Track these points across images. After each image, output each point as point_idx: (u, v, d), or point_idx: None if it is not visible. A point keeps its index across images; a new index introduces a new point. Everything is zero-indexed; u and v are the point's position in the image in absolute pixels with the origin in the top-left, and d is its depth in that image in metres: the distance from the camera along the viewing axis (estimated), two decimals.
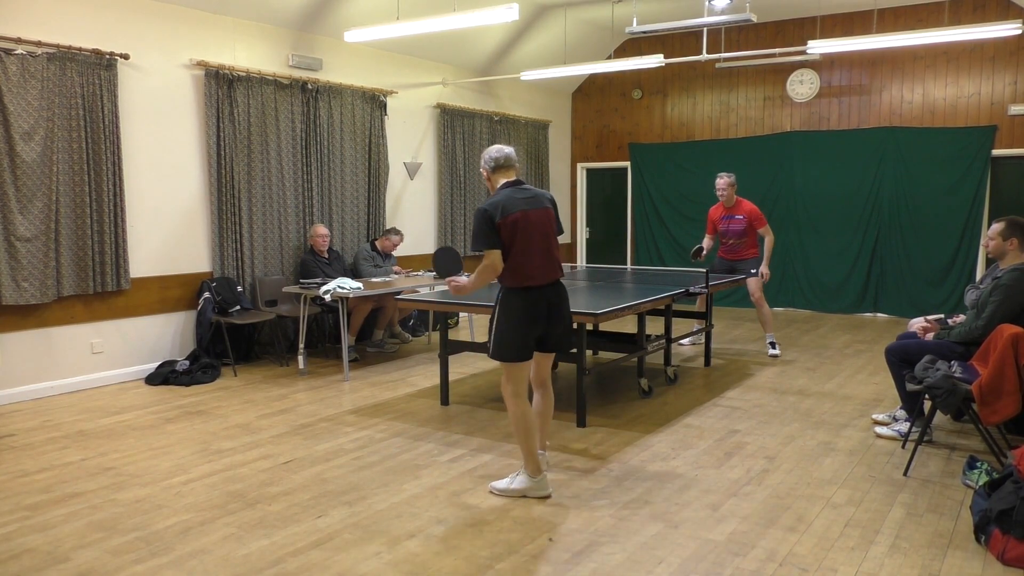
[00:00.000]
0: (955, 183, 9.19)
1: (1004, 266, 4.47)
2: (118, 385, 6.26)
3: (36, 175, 5.68)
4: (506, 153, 3.88)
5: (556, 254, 3.84)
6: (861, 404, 5.59)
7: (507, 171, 3.88)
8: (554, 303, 3.81)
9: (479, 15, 6.27)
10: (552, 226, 3.87)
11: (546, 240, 3.79)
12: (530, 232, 3.72)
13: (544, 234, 3.79)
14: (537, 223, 3.76)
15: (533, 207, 3.77)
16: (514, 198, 3.75)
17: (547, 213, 3.85)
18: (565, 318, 3.91)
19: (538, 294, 3.75)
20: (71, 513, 3.70)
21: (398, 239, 7.91)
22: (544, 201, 3.88)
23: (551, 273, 3.79)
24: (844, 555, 3.23)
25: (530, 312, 3.74)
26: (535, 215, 3.76)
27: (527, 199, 3.78)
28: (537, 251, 3.74)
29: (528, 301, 3.73)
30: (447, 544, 3.34)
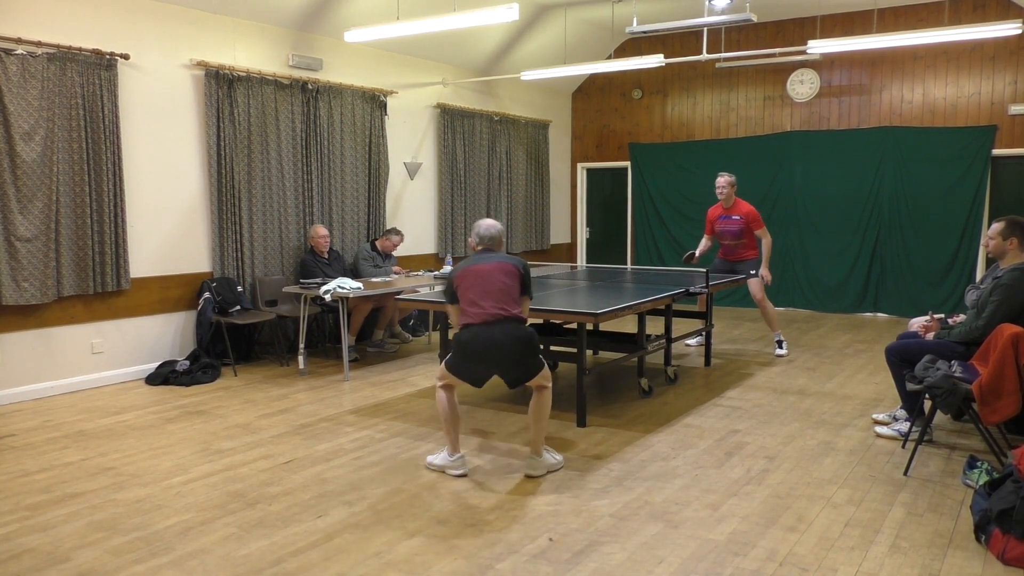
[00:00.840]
0: (955, 183, 9.19)
1: (1004, 266, 4.47)
2: (118, 385, 6.26)
3: (36, 175, 5.68)
4: (481, 235, 4.28)
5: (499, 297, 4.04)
6: (861, 404, 5.59)
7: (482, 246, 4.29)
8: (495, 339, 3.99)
9: (479, 15, 6.27)
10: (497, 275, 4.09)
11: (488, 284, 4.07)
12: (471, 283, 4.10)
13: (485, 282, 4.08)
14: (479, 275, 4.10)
15: (479, 263, 4.15)
16: (467, 260, 4.24)
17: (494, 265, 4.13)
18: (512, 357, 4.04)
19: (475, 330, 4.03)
20: (71, 513, 3.70)
21: (398, 239, 7.91)
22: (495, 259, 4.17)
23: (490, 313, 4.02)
24: (844, 555, 3.23)
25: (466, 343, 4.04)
26: (479, 268, 4.13)
27: (480, 258, 4.20)
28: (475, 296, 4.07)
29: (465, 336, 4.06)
30: (447, 544, 3.34)
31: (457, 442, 4.22)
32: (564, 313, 4.99)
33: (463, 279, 4.14)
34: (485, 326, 4.01)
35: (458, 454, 4.21)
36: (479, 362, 4.06)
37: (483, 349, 4.01)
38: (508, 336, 4.00)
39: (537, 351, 4.15)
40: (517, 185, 10.63)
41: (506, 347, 4.00)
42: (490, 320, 4.01)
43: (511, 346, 4.00)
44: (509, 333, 4.01)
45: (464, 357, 4.08)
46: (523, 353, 4.05)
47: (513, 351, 4.02)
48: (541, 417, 4.16)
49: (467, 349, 4.04)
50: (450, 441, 4.21)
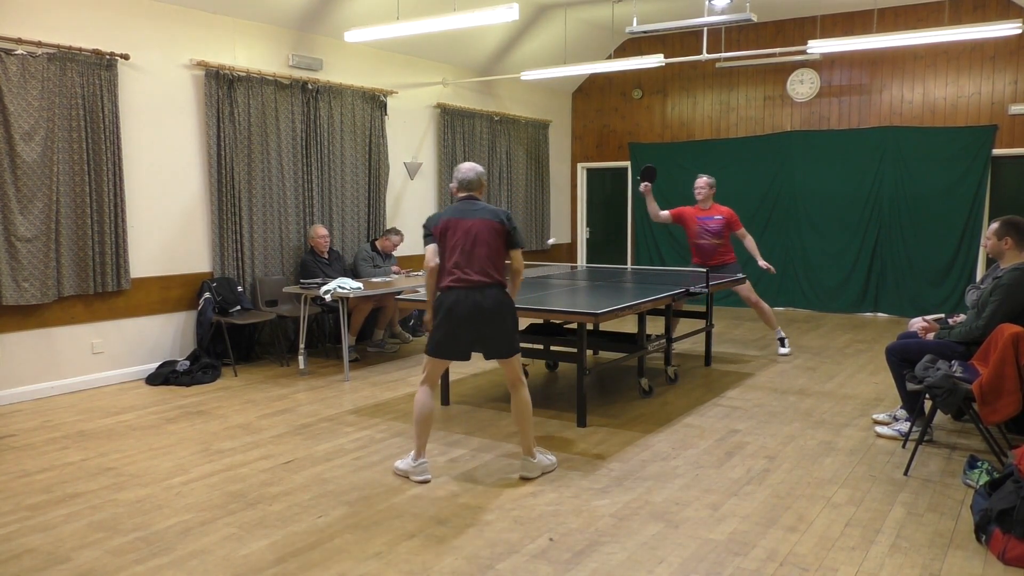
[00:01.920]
0: (955, 183, 9.19)
1: (1004, 266, 4.47)
2: (118, 385, 6.26)
3: (36, 175, 5.68)
4: (460, 179, 4.19)
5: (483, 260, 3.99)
6: (861, 404, 5.58)
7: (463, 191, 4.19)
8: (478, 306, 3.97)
9: (479, 15, 6.27)
10: (482, 235, 4.01)
11: (472, 245, 4.00)
12: (453, 238, 4.03)
13: (468, 241, 4.00)
14: (463, 232, 4.02)
15: (463, 216, 4.05)
16: (450, 209, 4.13)
17: (478, 223, 4.03)
18: (493, 324, 4.01)
19: (457, 295, 3.98)
20: (72, 513, 3.70)
21: (398, 239, 7.91)
22: (478, 215, 4.06)
23: (469, 278, 3.98)
24: (844, 555, 3.23)
25: (448, 310, 4.00)
26: (463, 224, 4.04)
27: (463, 211, 4.08)
28: (457, 256, 4.01)
29: (447, 300, 4.01)
30: (447, 544, 3.34)
31: (423, 447, 4.13)
32: (564, 313, 4.99)
33: (448, 231, 4.04)
34: (469, 290, 3.97)
35: (422, 459, 4.12)
36: (462, 327, 3.99)
37: (467, 314, 3.96)
38: (493, 301, 3.99)
39: (516, 324, 4.15)
40: (517, 185, 10.63)
41: (490, 312, 3.98)
42: (475, 286, 3.98)
43: (495, 311, 3.99)
44: (494, 298, 3.99)
45: (448, 322, 4.00)
46: (505, 323, 4.03)
47: (497, 317, 4.00)
48: (524, 418, 4.13)
49: (451, 314, 3.98)
50: (417, 445, 4.12)
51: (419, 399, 4.13)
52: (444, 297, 4.04)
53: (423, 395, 4.13)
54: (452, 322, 4.00)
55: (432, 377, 4.17)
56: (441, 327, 4.03)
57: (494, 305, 3.99)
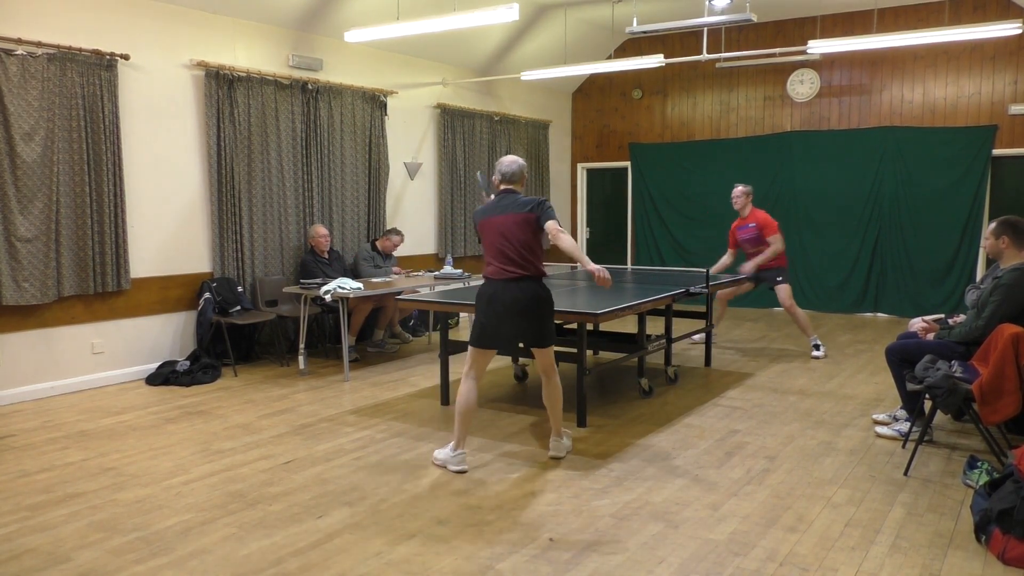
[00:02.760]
0: (955, 183, 9.19)
1: (1004, 266, 4.47)
2: (119, 385, 6.26)
3: (36, 175, 5.68)
4: (502, 172, 4.34)
5: (517, 253, 4.16)
6: (861, 404, 5.59)
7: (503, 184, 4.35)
8: (516, 298, 4.15)
9: (479, 15, 6.27)
10: (513, 229, 4.16)
11: (505, 240, 4.17)
12: (490, 235, 4.24)
13: (500, 236, 4.19)
14: (496, 227, 4.21)
15: (489, 215, 4.25)
16: (486, 206, 4.34)
17: (509, 218, 4.18)
18: (529, 315, 4.19)
19: (495, 286, 4.19)
20: (72, 513, 3.70)
21: (398, 239, 7.91)
22: (510, 209, 4.21)
23: (506, 271, 4.17)
24: (844, 555, 3.23)
25: (487, 301, 4.21)
26: (489, 222, 4.24)
27: (497, 207, 4.25)
28: (493, 251, 4.22)
29: (486, 291, 4.23)
30: (447, 544, 3.34)
31: (463, 438, 4.27)
32: (564, 313, 4.98)
33: (483, 229, 4.28)
34: (504, 283, 4.16)
35: (460, 450, 4.26)
36: (501, 318, 4.17)
37: (504, 305, 4.15)
38: (528, 293, 4.16)
39: (552, 315, 4.34)
40: None
41: (525, 303, 4.16)
42: (510, 278, 4.16)
43: (530, 302, 4.17)
44: (529, 290, 4.17)
45: (487, 313, 4.20)
46: (540, 313, 4.21)
47: (532, 308, 4.18)
48: (555, 402, 4.38)
49: (489, 306, 4.19)
50: (457, 436, 4.26)
51: (462, 390, 4.27)
52: (483, 289, 4.27)
53: (465, 386, 4.27)
54: (490, 313, 4.20)
55: (475, 368, 4.31)
56: (481, 318, 4.25)
57: (529, 296, 4.17)
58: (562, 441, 4.45)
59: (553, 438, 4.46)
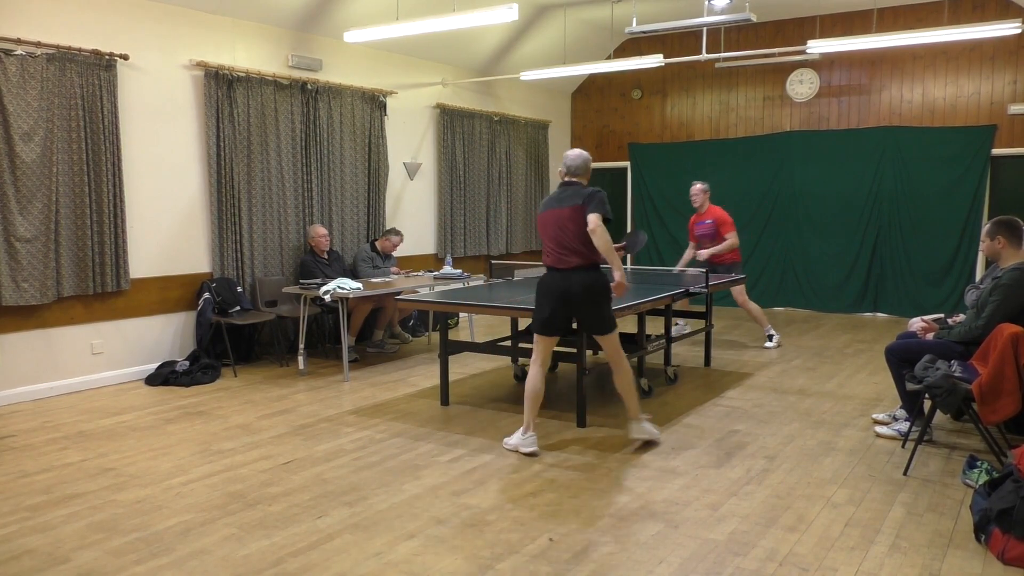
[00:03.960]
0: (955, 182, 9.19)
1: (1003, 266, 4.47)
2: (118, 386, 6.26)
3: (36, 176, 5.68)
4: (568, 165, 4.52)
5: (573, 243, 4.35)
6: (861, 404, 5.59)
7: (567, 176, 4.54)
8: (571, 287, 4.37)
9: (479, 15, 6.27)
10: (569, 222, 4.35)
11: (561, 232, 4.37)
12: (548, 228, 4.46)
13: (559, 227, 4.38)
14: (554, 220, 4.41)
15: (550, 207, 4.45)
16: (548, 199, 4.54)
17: (566, 211, 4.36)
18: (585, 302, 4.40)
19: (551, 276, 4.45)
20: (71, 514, 3.70)
21: (398, 239, 7.91)
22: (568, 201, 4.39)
23: (564, 261, 4.38)
24: (844, 555, 3.23)
25: (545, 291, 4.46)
26: (549, 214, 4.44)
27: (557, 199, 4.46)
28: (551, 243, 4.44)
29: (544, 281, 4.49)
30: (447, 544, 3.34)
31: (532, 422, 4.50)
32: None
33: (543, 221, 4.48)
34: (562, 272, 4.39)
35: (530, 433, 4.48)
36: (556, 306, 4.41)
37: (558, 295, 4.39)
38: (581, 283, 4.36)
39: (610, 302, 4.50)
40: (517, 185, 10.63)
41: (579, 293, 4.37)
42: (564, 268, 4.38)
43: (584, 291, 4.37)
44: (582, 280, 4.37)
45: (544, 302, 4.45)
46: (596, 302, 4.41)
47: (586, 297, 4.38)
48: (626, 389, 4.58)
49: (546, 295, 4.44)
50: (526, 419, 4.51)
51: (529, 376, 4.54)
52: (543, 278, 4.51)
53: (532, 372, 4.53)
54: (547, 302, 4.44)
55: (541, 354, 4.53)
56: (539, 306, 4.50)
57: (583, 286, 4.37)
58: (642, 424, 4.61)
59: (632, 422, 4.62)
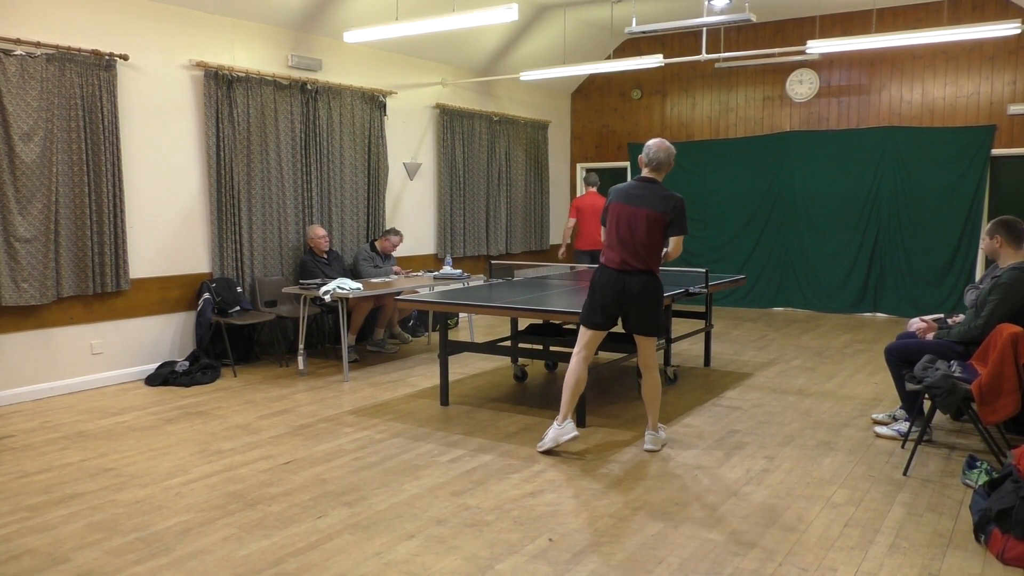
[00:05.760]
0: (954, 183, 9.20)
1: (1003, 265, 4.48)
2: (118, 386, 6.26)
3: (35, 176, 5.68)
4: (650, 156, 4.38)
5: (639, 249, 4.28)
6: (861, 404, 5.59)
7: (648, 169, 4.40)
8: (625, 289, 4.31)
9: (479, 15, 6.27)
10: (642, 226, 4.26)
11: (630, 234, 4.29)
12: (617, 222, 4.34)
13: (629, 228, 4.29)
14: (626, 218, 4.30)
15: (631, 203, 4.31)
16: (624, 190, 4.40)
17: (642, 213, 4.27)
18: (637, 304, 4.34)
19: (608, 275, 4.35)
20: (71, 514, 3.70)
21: (398, 240, 7.91)
22: (646, 203, 4.28)
23: (626, 262, 4.30)
24: (844, 555, 3.23)
25: (598, 287, 4.38)
26: (623, 208, 4.32)
27: (634, 196, 4.33)
28: (615, 239, 4.34)
29: (599, 278, 4.39)
30: (447, 544, 3.34)
31: (568, 410, 4.45)
32: (564, 313, 4.99)
33: (613, 213, 4.35)
34: (619, 274, 4.31)
35: (568, 420, 4.45)
36: (608, 303, 4.34)
37: (613, 295, 4.33)
38: (639, 287, 4.30)
39: (661, 307, 4.44)
40: (516, 185, 10.63)
41: (635, 296, 4.31)
42: (624, 271, 4.30)
43: (639, 295, 4.31)
44: (640, 284, 4.30)
45: (595, 297, 4.37)
46: (648, 306, 4.34)
47: (641, 300, 4.32)
48: (652, 398, 4.52)
49: (600, 292, 4.36)
50: (563, 409, 4.45)
51: (571, 366, 4.47)
52: (597, 274, 4.41)
53: (575, 363, 4.46)
54: (598, 298, 4.37)
55: (586, 348, 4.47)
56: (590, 300, 4.42)
57: (639, 290, 4.30)
58: (658, 435, 4.58)
59: (648, 432, 4.58)
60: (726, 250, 10.65)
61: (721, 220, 10.69)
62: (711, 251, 10.74)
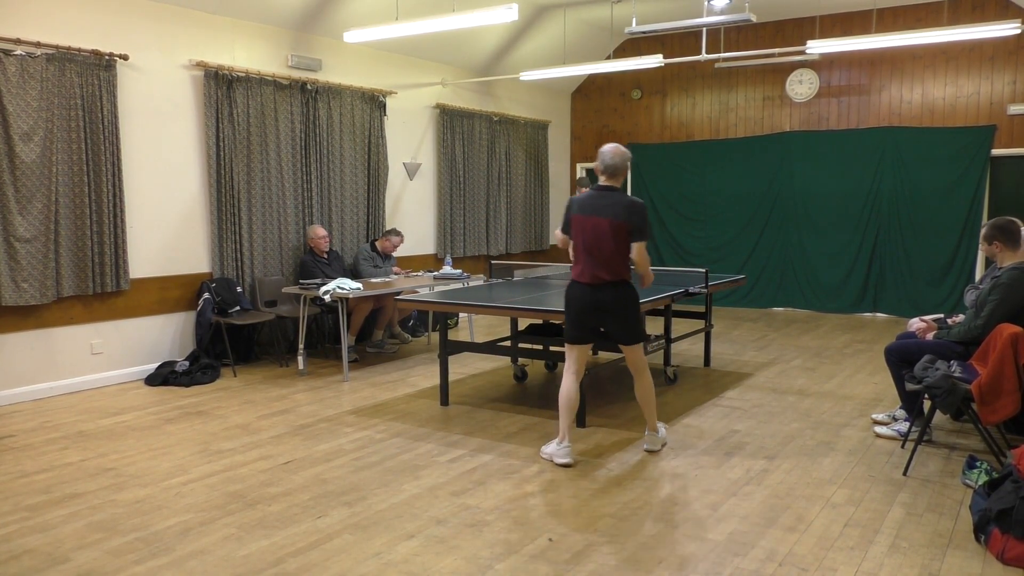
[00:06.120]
0: (954, 183, 9.20)
1: (1002, 266, 4.48)
2: (118, 386, 6.26)
3: (35, 176, 5.68)
4: (606, 163, 4.25)
5: (607, 260, 4.20)
6: (861, 404, 5.59)
7: (605, 176, 4.29)
8: (600, 302, 4.25)
9: (479, 15, 6.27)
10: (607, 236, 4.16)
11: (596, 245, 4.19)
12: (582, 235, 4.24)
13: (596, 239, 4.19)
14: (590, 229, 4.20)
15: (594, 214, 4.19)
16: (583, 200, 4.28)
17: (605, 223, 4.16)
18: (613, 316, 4.29)
19: (581, 290, 4.28)
20: (71, 514, 3.70)
21: (398, 240, 7.91)
22: (608, 212, 4.18)
23: (596, 276, 4.22)
24: (844, 555, 3.23)
25: (573, 303, 4.32)
26: (591, 221, 4.20)
27: (595, 206, 4.21)
28: (581, 252, 4.25)
29: (573, 293, 4.32)
30: (447, 544, 3.34)
31: (565, 430, 4.35)
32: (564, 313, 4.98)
33: (577, 225, 4.25)
34: (591, 288, 4.24)
35: (564, 442, 4.34)
36: (584, 317, 4.30)
37: (589, 309, 4.27)
38: (612, 298, 4.23)
39: (639, 315, 4.40)
40: (516, 185, 10.63)
41: (609, 307, 4.25)
42: (596, 284, 4.23)
43: (614, 306, 4.25)
44: (613, 295, 4.23)
45: (572, 313, 4.33)
46: (625, 316, 4.29)
47: (617, 311, 4.27)
48: (647, 400, 4.49)
49: (575, 307, 4.31)
50: (561, 429, 4.37)
51: (564, 385, 4.40)
52: (569, 290, 4.35)
53: (568, 383, 4.39)
54: (575, 314, 4.32)
55: (574, 363, 4.41)
56: (568, 316, 4.37)
57: (613, 301, 4.24)
58: (657, 435, 4.58)
59: (648, 432, 4.58)
60: (726, 250, 10.65)
61: (721, 220, 10.69)
62: (711, 251, 10.74)
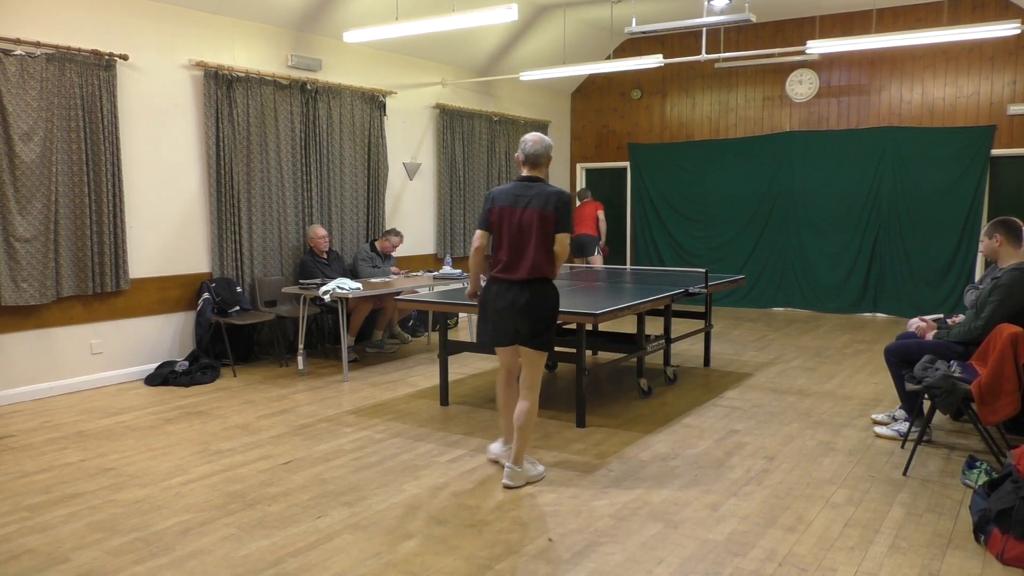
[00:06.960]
0: (954, 183, 9.20)
1: (1002, 266, 4.48)
2: (117, 386, 6.26)
3: (35, 176, 5.68)
4: (527, 152, 4.03)
5: (532, 254, 3.90)
6: (861, 404, 5.59)
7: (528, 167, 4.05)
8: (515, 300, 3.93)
9: (478, 15, 6.27)
10: (532, 228, 3.90)
11: (520, 238, 3.92)
12: (505, 228, 3.96)
13: (520, 232, 3.93)
14: (516, 222, 3.93)
15: (518, 205, 3.94)
16: (507, 192, 4.01)
17: (530, 214, 3.91)
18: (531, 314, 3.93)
19: (498, 287, 4.00)
20: (71, 514, 3.70)
21: (398, 240, 7.91)
22: (534, 203, 3.92)
23: (517, 271, 3.93)
24: (843, 555, 3.23)
25: (487, 304, 4.04)
26: (515, 213, 3.93)
27: (519, 196, 3.96)
28: (505, 246, 3.96)
29: (487, 294, 4.06)
30: (447, 544, 3.34)
31: (507, 431, 4.28)
32: (563, 313, 4.98)
33: (498, 219, 3.96)
34: (511, 285, 3.94)
35: (507, 445, 4.30)
36: (499, 318, 3.98)
37: (504, 308, 3.95)
38: (531, 297, 3.92)
39: (554, 319, 4.03)
40: None
41: (526, 307, 3.92)
42: (518, 282, 3.93)
43: (531, 306, 3.92)
44: (533, 293, 3.92)
45: (486, 313, 4.05)
46: (538, 317, 3.94)
47: (532, 311, 3.93)
48: (524, 426, 3.98)
49: (491, 306, 4.02)
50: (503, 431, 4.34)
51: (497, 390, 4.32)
52: (487, 288, 4.07)
53: (498, 385, 4.29)
54: (490, 314, 4.04)
55: (501, 365, 4.25)
56: (481, 319, 4.11)
57: (531, 298, 3.91)
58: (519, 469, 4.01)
59: (508, 465, 4.02)
60: (726, 250, 10.65)
61: (721, 220, 10.69)
62: (711, 251, 10.75)
